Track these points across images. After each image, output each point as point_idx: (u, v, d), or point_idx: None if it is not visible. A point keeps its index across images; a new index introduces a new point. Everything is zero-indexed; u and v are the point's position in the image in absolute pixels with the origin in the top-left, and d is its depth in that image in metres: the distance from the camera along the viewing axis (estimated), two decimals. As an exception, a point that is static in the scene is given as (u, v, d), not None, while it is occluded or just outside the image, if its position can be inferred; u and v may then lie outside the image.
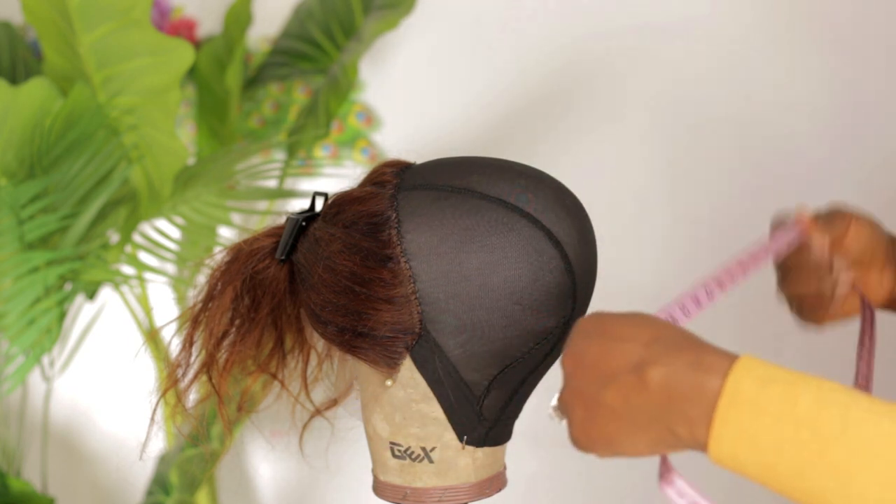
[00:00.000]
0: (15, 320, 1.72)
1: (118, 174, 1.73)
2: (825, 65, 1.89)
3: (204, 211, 1.72)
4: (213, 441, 1.63)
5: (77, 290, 1.78)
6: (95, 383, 2.19)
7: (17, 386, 1.76)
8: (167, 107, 1.72)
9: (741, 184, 1.93)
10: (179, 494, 1.74)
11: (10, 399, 2.06)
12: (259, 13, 2.05)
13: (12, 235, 1.70)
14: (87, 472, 2.23)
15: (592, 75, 1.99)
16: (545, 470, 2.03)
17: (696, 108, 1.96)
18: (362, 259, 0.93)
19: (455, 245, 0.92)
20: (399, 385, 0.96)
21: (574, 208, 0.96)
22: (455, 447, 0.97)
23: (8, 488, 1.80)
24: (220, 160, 1.77)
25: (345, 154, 2.08)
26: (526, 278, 0.92)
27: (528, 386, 0.97)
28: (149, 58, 1.68)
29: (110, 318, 2.08)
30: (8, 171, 1.70)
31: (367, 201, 0.95)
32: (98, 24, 1.63)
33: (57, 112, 1.69)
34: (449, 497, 0.98)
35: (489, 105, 2.03)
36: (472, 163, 0.97)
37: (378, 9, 1.95)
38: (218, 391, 1.00)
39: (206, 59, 2.01)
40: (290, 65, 2.03)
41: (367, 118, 2.08)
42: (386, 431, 0.98)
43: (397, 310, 0.93)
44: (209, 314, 1.00)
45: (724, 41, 1.93)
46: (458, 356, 0.94)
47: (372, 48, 2.05)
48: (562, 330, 0.95)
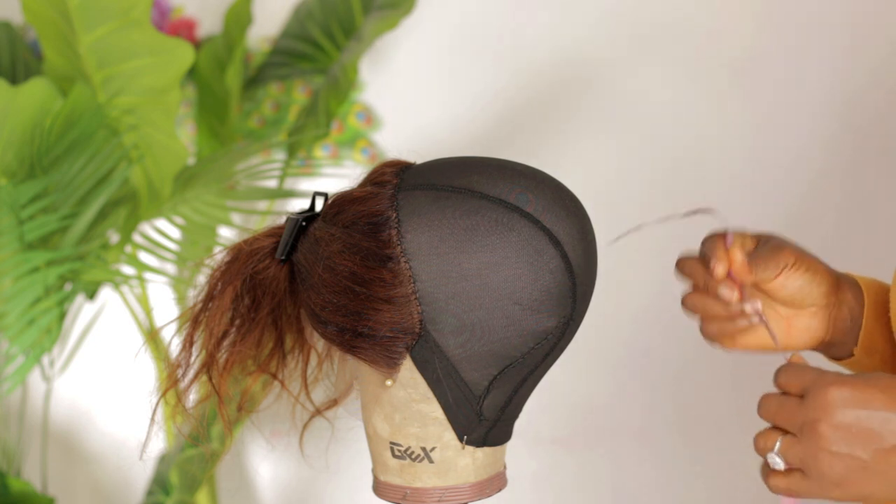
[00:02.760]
0: (15, 320, 1.72)
1: (118, 174, 1.73)
2: (829, 66, 1.89)
3: (204, 211, 1.72)
4: (213, 441, 1.63)
5: (77, 290, 1.78)
6: (95, 383, 2.19)
7: (17, 386, 1.76)
8: (167, 107, 1.72)
9: (742, 185, 1.93)
10: (179, 494, 1.74)
11: (10, 399, 2.06)
12: (259, 13, 2.05)
13: (12, 235, 1.70)
14: (87, 472, 2.23)
15: (593, 75, 1.99)
16: (545, 470, 2.03)
17: (696, 109, 1.96)
18: (362, 259, 0.93)
19: (455, 245, 0.92)
20: (399, 385, 0.96)
21: (574, 208, 0.96)
22: (455, 447, 0.97)
23: (8, 488, 1.80)
24: (220, 160, 1.77)
25: (345, 154, 2.08)
26: (526, 278, 0.92)
27: (528, 386, 0.97)
28: (149, 58, 1.68)
29: (110, 318, 2.08)
30: (8, 171, 1.70)
31: (367, 201, 0.95)
32: (98, 24, 1.63)
33: (57, 112, 1.69)
34: (449, 497, 0.98)
35: (489, 105, 2.03)
36: (472, 163, 0.97)
37: (378, 9, 1.95)
38: (218, 391, 1.00)
39: (206, 59, 2.01)
40: (290, 65, 2.03)
41: (367, 118, 2.08)
42: (386, 431, 0.98)
43: (397, 310, 0.93)
44: (209, 314, 1.00)
45: (725, 42, 1.93)
46: (458, 356, 0.94)
47: (372, 48, 2.05)
48: (561, 330, 0.95)
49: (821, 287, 0.98)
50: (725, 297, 0.96)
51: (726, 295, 0.95)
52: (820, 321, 1.00)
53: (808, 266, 0.97)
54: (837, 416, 0.82)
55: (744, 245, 0.98)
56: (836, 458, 0.82)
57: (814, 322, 1.00)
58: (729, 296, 0.95)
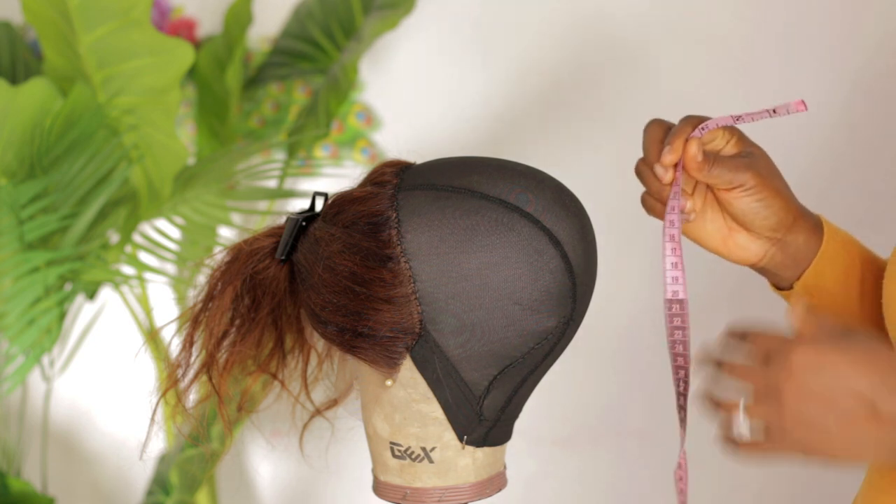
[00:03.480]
0: (15, 320, 1.73)
1: (118, 174, 1.73)
2: (829, 66, 1.89)
3: (204, 211, 1.72)
4: (213, 441, 1.63)
5: (77, 290, 1.78)
6: (95, 383, 2.19)
7: (17, 386, 1.76)
8: (167, 107, 1.72)
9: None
10: (179, 494, 1.74)
11: (10, 399, 2.06)
12: (259, 13, 2.05)
13: (12, 235, 1.70)
14: (87, 472, 2.23)
15: (593, 75, 1.99)
16: (545, 470, 2.03)
17: (696, 109, 1.96)
18: (362, 259, 0.93)
19: (455, 245, 0.92)
20: (399, 385, 0.96)
21: (574, 208, 0.96)
22: (455, 447, 0.97)
23: (8, 488, 1.80)
24: (220, 160, 1.77)
25: (345, 154, 2.08)
26: (526, 278, 0.92)
27: (528, 386, 0.97)
28: (149, 58, 1.68)
29: (110, 318, 2.08)
30: (8, 171, 1.71)
31: (367, 201, 0.95)
32: (98, 24, 1.63)
33: (57, 112, 1.69)
34: (449, 497, 0.98)
35: (489, 105, 2.03)
36: (472, 163, 0.97)
37: (378, 9, 1.94)
38: (218, 391, 1.00)
39: (206, 59, 2.01)
40: (290, 65, 2.03)
41: (367, 118, 2.08)
42: (386, 431, 0.98)
43: (397, 310, 0.93)
44: (209, 314, 1.00)
45: (725, 42, 1.93)
46: (458, 356, 0.94)
47: (372, 48, 2.05)
48: (561, 330, 0.95)
49: (768, 220, 0.99)
50: (658, 174, 0.98)
51: (659, 173, 0.98)
52: (759, 247, 1.01)
53: (764, 197, 0.98)
54: (800, 382, 0.83)
55: (717, 143, 0.99)
56: (799, 423, 0.83)
57: (753, 245, 1.01)
58: (661, 175, 0.98)
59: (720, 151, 0.99)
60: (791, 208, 1.00)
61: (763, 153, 1.00)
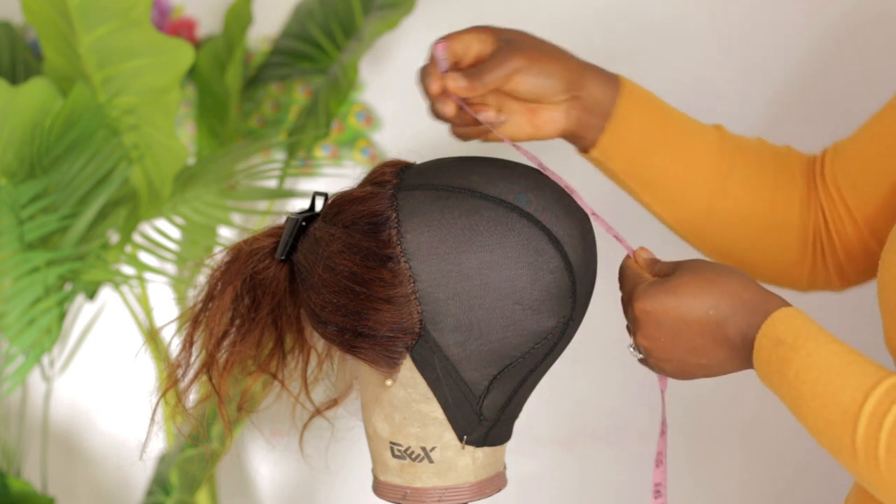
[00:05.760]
0: (15, 320, 1.73)
1: (118, 174, 1.73)
2: (829, 65, 1.89)
3: (204, 211, 1.72)
4: (213, 441, 1.63)
5: (77, 290, 1.78)
6: (95, 383, 2.19)
7: (17, 386, 1.76)
8: (167, 107, 1.72)
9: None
10: (179, 494, 1.74)
11: (10, 399, 2.06)
12: (259, 13, 2.05)
13: (12, 235, 1.70)
14: (87, 472, 2.23)
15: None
16: (545, 470, 2.03)
17: (696, 109, 1.96)
18: (362, 259, 0.93)
19: (455, 245, 0.92)
20: (399, 385, 0.96)
21: (574, 208, 0.96)
22: (455, 447, 0.97)
23: (8, 488, 1.80)
24: (220, 160, 1.77)
25: (345, 154, 2.08)
26: (525, 278, 0.92)
27: (527, 386, 0.97)
28: (149, 58, 1.68)
29: (110, 318, 2.08)
30: (8, 171, 1.71)
31: (367, 201, 0.95)
32: (98, 24, 1.63)
33: (57, 112, 1.69)
34: (449, 497, 0.98)
35: (489, 105, 2.03)
36: (472, 163, 0.97)
37: (378, 9, 1.94)
38: (218, 391, 1.00)
39: (206, 59, 2.00)
40: (290, 65, 2.03)
41: (367, 118, 2.08)
42: (386, 431, 0.98)
43: (397, 310, 0.93)
44: (209, 314, 1.00)
45: (725, 42, 1.93)
46: (458, 356, 0.94)
47: (372, 48, 2.05)
48: (561, 330, 0.95)
49: (556, 85, 1.04)
50: (444, 113, 1.02)
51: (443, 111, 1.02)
52: (562, 114, 1.06)
53: (542, 67, 1.03)
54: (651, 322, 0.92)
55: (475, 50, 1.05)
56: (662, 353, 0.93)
57: (555, 114, 1.06)
58: (448, 112, 1.02)
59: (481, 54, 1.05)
60: (572, 66, 1.05)
61: (520, 32, 1.07)
